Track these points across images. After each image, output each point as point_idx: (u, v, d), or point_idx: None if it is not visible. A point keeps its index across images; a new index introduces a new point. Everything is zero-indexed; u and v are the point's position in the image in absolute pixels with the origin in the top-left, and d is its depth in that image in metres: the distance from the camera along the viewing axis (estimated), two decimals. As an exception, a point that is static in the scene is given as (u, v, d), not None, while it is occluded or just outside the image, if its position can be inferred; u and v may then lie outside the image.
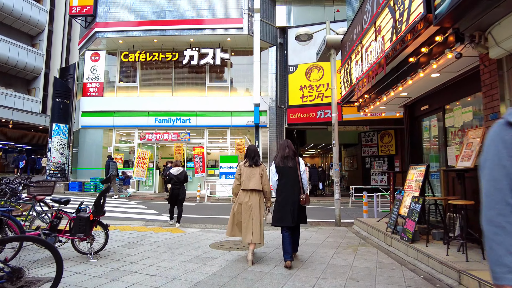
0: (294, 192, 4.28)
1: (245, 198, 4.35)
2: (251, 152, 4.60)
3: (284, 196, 4.31)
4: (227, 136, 14.84)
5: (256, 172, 4.46)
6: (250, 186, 4.35)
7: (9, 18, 27.40)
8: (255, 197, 4.36)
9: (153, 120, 15.08)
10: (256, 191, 4.39)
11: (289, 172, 4.37)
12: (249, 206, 4.31)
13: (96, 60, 16.09)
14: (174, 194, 7.12)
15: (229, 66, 15.48)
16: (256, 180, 4.40)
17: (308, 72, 14.37)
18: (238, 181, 4.50)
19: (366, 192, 8.46)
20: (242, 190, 4.42)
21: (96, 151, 15.47)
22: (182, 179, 7.34)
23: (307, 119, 13.99)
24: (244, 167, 4.50)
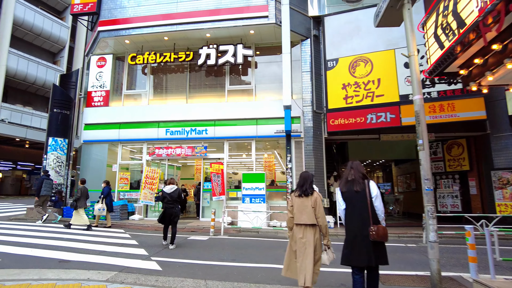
0: (364, 223, 3.71)
1: (298, 234, 4.04)
2: (301, 180, 4.24)
3: (352, 228, 3.82)
4: (252, 150, 12.26)
5: (308, 204, 4.04)
6: (302, 220, 4.02)
7: (30, 35, 27.24)
8: (310, 232, 4.00)
9: (164, 132, 12.89)
10: (311, 226, 4.01)
11: (355, 199, 3.84)
12: (303, 243, 3.98)
13: (102, 65, 14.39)
14: (167, 213, 7.12)
15: (253, 66, 13.11)
16: (308, 212, 4.01)
17: (352, 66, 11.63)
18: (290, 214, 4.16)
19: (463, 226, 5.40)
20: (295, 225, 4.09)
21: (100, 170, 13.45)
22: (175, 198, 7.30)
23: (354, 125, 11.12)
24: (295, 197, 4.16)
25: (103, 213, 10.58)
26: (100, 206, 10.48)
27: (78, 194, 10.02)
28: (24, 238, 7.54)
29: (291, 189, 10.48)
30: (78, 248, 6.46)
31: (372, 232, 3.59)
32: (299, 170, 11.64)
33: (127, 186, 13.08)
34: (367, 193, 3.77)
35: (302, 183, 4.18)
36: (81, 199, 9.95)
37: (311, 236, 3.95)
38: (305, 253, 3.93)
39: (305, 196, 4.05)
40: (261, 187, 10.94)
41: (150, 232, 9.54)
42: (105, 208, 10.53)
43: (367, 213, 3.71)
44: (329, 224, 10.88)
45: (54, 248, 6.48)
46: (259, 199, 10.82)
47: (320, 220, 3.98)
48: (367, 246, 3.62)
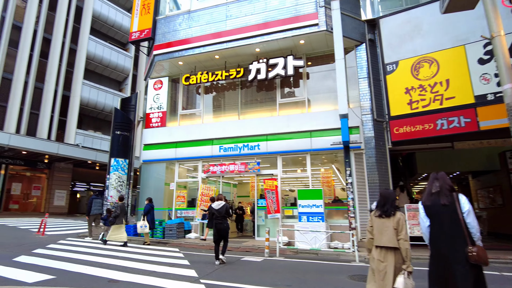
0: (456, 242, 3.18)
1: (378, 256, 3.69)
2: (381, 200, 3.91)
3: (439, 248, 3.31)
4: (307, 164, 11.63)
5: (389, 225, 3.69)
6: (382, 242, 3.68)
7: (100, 67, 30.15)
8: (391, 256, 3.61)
9: (218, 149, 12.91)
10: (392, 249, 3.62)
11: (442, 214, 3.33)
12: (384, 267, 3.62)
13: (159, 88, 15.10)
14: (218, 229, 7.44)
15: (304, 77, 12.66)
16: (390, 234, 3.64)
17: (415, 68, 10.54)
18: (370, 235, 3.86)
19: None
20: (375, 247, 3.77)
21: (158, 189, 13.88)
22: (223, 213, 7.62)
23: (421, 132, 9.94)
24: (374, 217, 3.85)
25: (146, 230, 10.77)
26: (142, 223, 10.76)
27: (118, 211, 10.47)
28: (81, 255, 7.83)
29: (353, 206, 9.60)
30: (130, 268, 6.44)
31: (472, 253, 3.08)
32: (361, 186, 10.71)
33: (184, 204, 13.25)
34: (457, 208, 3.31)
35: (383, 202, 3.89)
36: (120, 215, 10.44)
37: (392, 260, 3.63)
38: (385, 278, 3.63)
39: (386, 216, 3.75)
40: (318, 204, 10.21)
41: (204, 251, 9.35)
42: (147, 225, 10.76)
43: (459, 231, 3.23)
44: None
45: (107, 266, 6.54)
46: (317, 218, 10.09)
47: (402, 243, 3.61)
48: (461, 271, 3.11)
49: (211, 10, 13.44)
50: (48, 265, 6.37)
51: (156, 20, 14.92)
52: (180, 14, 14.24)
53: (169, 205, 13.56)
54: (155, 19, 14.89)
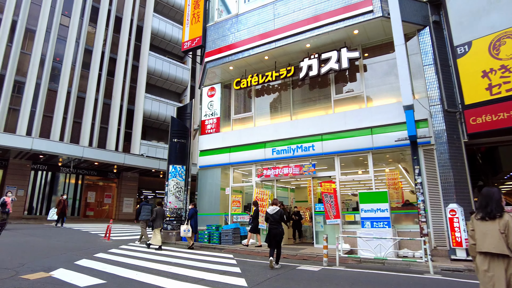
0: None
1: (482, 265, 3.26)
2: (483, 200, 3.46)
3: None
4: (369, 165, 10.67)
5: (493, 228, 3.25)
6: (485, 247, 3.25)
7: (160, 81, 32.00)
8: (499, 265, 3.14)
9: (271, 152, 12.56)
10: (500, 257, 3.14)
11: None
12: (489, 279, 3.17)
13: (212, 95, 15.31)
14: (272, 234, 7.54)
15: (361, 69, 11.74)
16: (493, 239, 3.20)
17: (494, 46, 9.07)
18: (472, 240, 3.46)
19: None
20: (478, 254, 3.35)
21: (214, 194, 13.95)
22: (277, 218, 7.65)
23: (506, 121, 8.47)
24: (476, 220, 3.46)
25: (189, 234, 10.96)
26: (186, 227, 10.97)
27: (154, 215, 10.99)
28: (136, 260, 7.97)
29: (424, 210, 8.46)
30: (180, 275, 6.31)
31: None
32: (433, 186, 9.47)
33: (239, 208, 13.10)
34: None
35: (485, 203, 3.47)
36: (156, 219, 10.95)
37: (500, 270, 3.17)
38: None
39: (490, 219, 3.35)
40: (384, 208, 9.23)
41: (259, 258, 8.97)
42: (190, 230, 10.95)
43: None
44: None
45: (157, 273, 6.50)
46: (382, 223, 9.11)
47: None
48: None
49: (259, 11, 13.26)
50: (103, 269, 6.54)
51: (206, 28, 15.22)
52: (229, 19, 14.31)
53: (225, 210, 13.53)
54: (205, 27, 15.19)
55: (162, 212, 11.36)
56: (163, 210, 11.49)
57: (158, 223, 11.04)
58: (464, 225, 8.24)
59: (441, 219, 9.12)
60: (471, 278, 6.48)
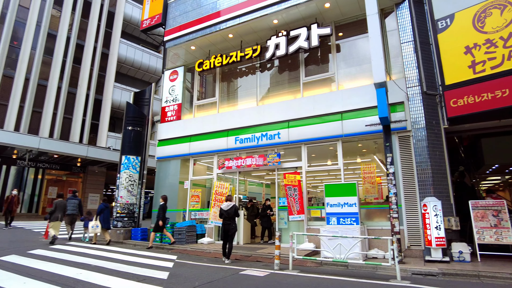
0: None
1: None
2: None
3: None
4: (338, 153, 9.55)
5: None
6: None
7: (132, 70, 30.37)
8: None
9: (233, 141, 11.31)
10: None
11: None
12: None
13: (174, 79, 13.96)
14: (224, 229, 7.72)
15: (333, 49, 10.61)
16: None
17: (479, 19, 8.04)
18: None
19: None
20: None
21: (173, 188, 12.62)
22: (232, 214, 7.78)
23: (491, 102, 7.43)
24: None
25: (97, 230, 10.61)
26: (94, 223, 10.63)
27: (53, 207, 10.84)
28: (46, 263, 6.61)
29: (397, 204, 7.36)
30: (83, 282, 5.00)
31: None
32: (409, 177, 8.40)
33: (198, 204, 11.81)
34: None
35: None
36: (55, 212, 10.73)
37: None
38: None
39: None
40: (352, 202, 8.10)
41: (206, 260, 7.72)
42: (98, 225, 10.62)
43: None
44: (461, 255, 7.24)
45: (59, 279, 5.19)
46: (349, 220, 7.98)
47: None
48: None
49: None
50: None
51: (168, 4, 13.86)
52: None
53: (183, 206, 12.22)
54: (166, 3, 13.84)
55: (62, 204, 11.09)
56: (64, 203, 11.20)
57: (56, 216, 10.72)
58: (437, 221, 7.18)
59: (417, 215, 8.07)
60: (444, 284, 5.38)
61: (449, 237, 7.65)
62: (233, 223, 7.78)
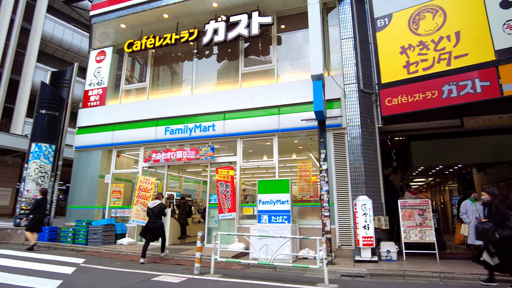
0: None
1: None
2: None
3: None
4: (274, 148, 9.13)
5: None
6: None
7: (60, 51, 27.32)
8: None
9: (163, 131, 10.32)
10: None
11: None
12: None
13: (101, 60, 12.47)
14: (149, 228, 7.49)
15: (274, 41, 10.17)
16: None
17: (414, 21, 8.16)
18: None
19: None
20: None
21: (91, 182, 11.21)
22: (156, 212, 7.57)
23: (422, 103, 7.54)
24: None
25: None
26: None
27: None
28: None
29: (328, 202, 7.09)
30: None
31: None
32: (342, 175, 8.24)
33: (120, 201, 10.59)
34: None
35: None
36: None
37: None
38: None
39: None
40: (284, 199, 7.70)
41: (120, 264, 6.73)
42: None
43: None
44: (389, 254, 7.22)
45: None
46: (281, 218, 7.57)
47: None
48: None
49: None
50: None
51: (96, -25, 12.33)
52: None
53: (103, 202, 10.90)
54: (94, -27, 12.30)
55: None
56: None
57: None
58: (365, 220, 7.08)
59: (349, 214, 7.93)
60: (371, 286, 5.15)
61: (378, 236, 7.62)
62: (158, 221, 7.59)
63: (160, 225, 7.61)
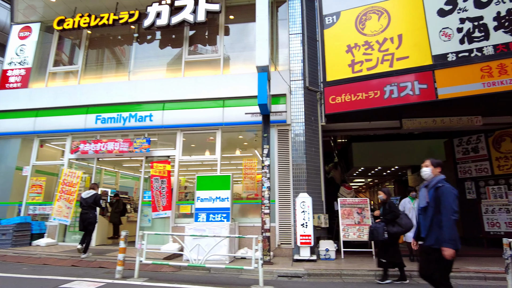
0: None
1: None
2: None
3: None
4: (217, 143, 8.68)
5: None
6: None
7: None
8: None
9: (94, 119, 9.32)
10: None
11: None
12: None
13: (26, 37, 11.01)
14: (81, 219, 7.19)
15: (221, 30, 9.71)
16: None
17: (361, 21, 8.23)
18: None
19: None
20: None
21: (6, 175, 9.81)
22: (90, 203, 7.24)
23: (364, 102, 7.60)
24: None
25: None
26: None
27: None
28: None
29: (269, 199, 6.83)
30: None
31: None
32: (284, 172, 8.05)
33: (40, 196, 9.37)
34: None
35: None
36: None
37: None
38: None
39: None
40: (224, 196, 7.29)
41: (28, 269, 5.80)
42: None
43: None
44: (327, 253, 7.16)
45: None
46: (220, 216, 7.15)
47: None
48: None
49: None
50: None
51: None
52: None
53: (20, 198, 9.56)
54: None
55: None
56: None
57: None
58: (303, 218, 6.95)
59: (290, 212, 7.75)
60: (308, 287, 4.94)
61: (318, 234, 7.54)
62: (91, 212, 7.23)
63: (92, 217, 7.23)
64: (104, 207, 11.42)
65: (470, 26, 7.12)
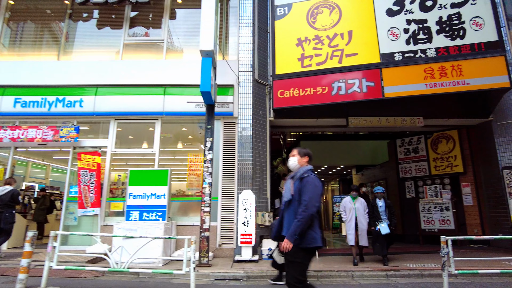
0: None
1: None
2: None
3: None
4: (155, 134, 7.98)
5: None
6: None
7: None
8: None
9: (12, 102, 8.10)
10: None
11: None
12: None
13: None
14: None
15: (166, 14, 8.99)
16: None
17: (312, 14, 8.06)
18: None
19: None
20: None
21: None
22: (6, 200, 6.52)
23: (312, 98, 7.44)
24: None
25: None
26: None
27: None
28: None
29: (210, 196, 6.34)
30: None
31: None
32: (229, 167, 7.61)
33: None
34: None
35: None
36: None
37: None
38: None
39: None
40: (160, 193, 6.66)
41: None
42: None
43: None
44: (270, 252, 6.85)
45: None
46: (155, 214, 6.51)
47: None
48: None
49: None
50: None
51: None
52: None
53: None
54: None
55: None
56: None
57: None
58: (245, 216, 6.61)
59: (233, 210, 7.34)
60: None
61: (262, 233, 7.22)
62: (9, 211, 6.51)
63: (9, 216, 6.49)
64: (27, 203, 10.18)
65: (416, 28, 7.27)
